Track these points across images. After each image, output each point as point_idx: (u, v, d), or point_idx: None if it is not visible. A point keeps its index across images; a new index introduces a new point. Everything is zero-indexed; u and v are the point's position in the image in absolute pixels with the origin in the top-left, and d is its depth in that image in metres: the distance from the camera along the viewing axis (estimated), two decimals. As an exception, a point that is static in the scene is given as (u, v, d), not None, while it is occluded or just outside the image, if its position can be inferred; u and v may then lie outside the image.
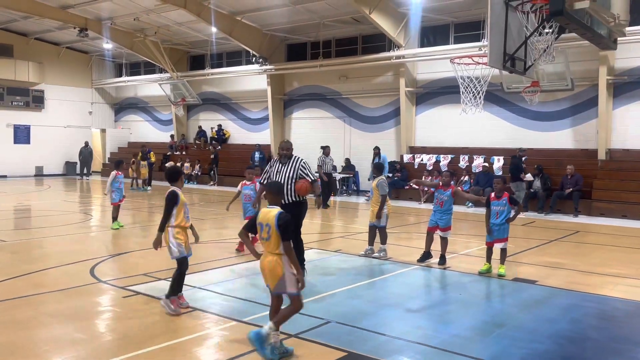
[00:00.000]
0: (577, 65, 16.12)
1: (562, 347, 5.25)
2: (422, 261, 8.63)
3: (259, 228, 4.86)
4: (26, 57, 27.21)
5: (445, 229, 8.50)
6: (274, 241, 4.71)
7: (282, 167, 7.51)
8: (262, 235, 4.82)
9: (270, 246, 4.74)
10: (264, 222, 4.79)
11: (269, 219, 4.76)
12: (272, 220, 4.73)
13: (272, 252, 4.75)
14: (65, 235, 10.94)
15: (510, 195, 8.06)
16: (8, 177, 26.53)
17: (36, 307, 6.10)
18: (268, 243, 4.76)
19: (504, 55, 7.88)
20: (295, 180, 7.39)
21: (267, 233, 4.75)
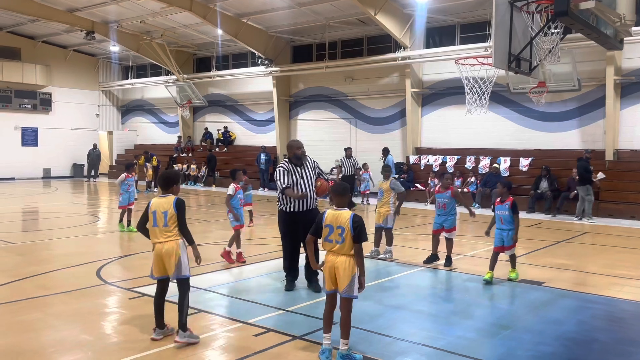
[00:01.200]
0: (584, 66, 16.04)
1: (569, 349, 5.22)
2: (428, 263, 8.64)
3: (327, 230, 4.81)
4: (34, 60, 27.40)
5: (450, 230, 8.51)
6: (349, 243, 4.70)
7: (303, 171, 6.92)
8: (332, 237, 4.77)
9: (345, 248, 4.72)
10: (335, 224, 4.76)
11: (342, 221, 4.73)
12: (346, 223, 4.71)
13: (346, 254, 4.72)
14: (72, 237, 11.00)
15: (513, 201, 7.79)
16: (16, 180, 26.70)
17: (43, 308, 6.14)
18: (341, 245, 4.72)
19: (509, 56, 7.85)
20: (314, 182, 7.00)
21: (340, 235, 4.72)
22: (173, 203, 5.14)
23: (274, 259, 8.50)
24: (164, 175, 5.43)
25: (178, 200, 5.17)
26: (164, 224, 5.12)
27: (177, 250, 5.10)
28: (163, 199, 5.21)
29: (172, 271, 5.13)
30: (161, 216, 5.12)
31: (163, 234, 5.13)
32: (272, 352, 4.94)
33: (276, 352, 4.95)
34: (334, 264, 4.75)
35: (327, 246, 4.84)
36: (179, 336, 5.06)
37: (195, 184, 24.86)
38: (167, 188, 5.31)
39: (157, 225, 5.16)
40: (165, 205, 5.14)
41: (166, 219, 5.11)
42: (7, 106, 26.81)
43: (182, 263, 5.12)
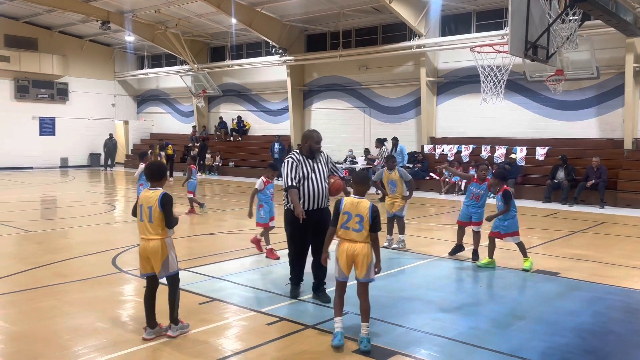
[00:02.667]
0: (602, 53, 15.74)
1: (585, 340, 5.16)
2: (453, 254, 8.45)
3: (345, 217, 4.86)
4: (50, 50, 27.63)
5: (478, 223, 8.31)
6: (367, 232, 4.81)
7: (315, 165, 6.07)
8: (349, 225, 4.84)
9: (363, 236, 4.82)
10: (354, 212, 4.82)
11: (361, 210, 4.80)
12: (365, 212, 4.79)
13: (364, 241, 4.83)
14: (88, 226, 11.13)
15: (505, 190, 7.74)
16: (34, 169, 27.07)
17: (59, 296, 6.22)
18: (359, 234, 4.81)
19: (526, 43, 7.71)
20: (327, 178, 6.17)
21: (359, 224, 4.80)
22: (158, 199, 4.81)
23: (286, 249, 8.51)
24: (151, 167, 5.09)
25: (164, 197, 4.82)
26: (149, 219, 4.83)
27: (163, 248, 4.86)
28: (150, 192, 4.90)
29: (158, 269, 4.90)
30: (147, 211, 4.83)
31: (148, 230, 4.86)
32: (285, 340, 4.96)
33: (289, 340, 4.97)
34: (354, 251, 4.83)
35: (344, 234, 4.88)
36: (172, 330, 4.94)
37: (210, 173, 24.98)
38: (155, 180, 4.99)
39: (142, 220, 4.88)
40: (151, 201, 4.83)
41: (151, 215, 4.82)
42: (25, 96, 27.13)
43: (169, 260, 4.90)
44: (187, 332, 5.04)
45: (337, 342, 4.80)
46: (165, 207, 4.81)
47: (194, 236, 10.25)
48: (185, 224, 12.01)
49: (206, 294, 6.31)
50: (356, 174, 5.21)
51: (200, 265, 7.62)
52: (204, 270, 7.42)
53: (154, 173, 5.01)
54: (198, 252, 8.62)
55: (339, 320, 4.91)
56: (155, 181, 4.99)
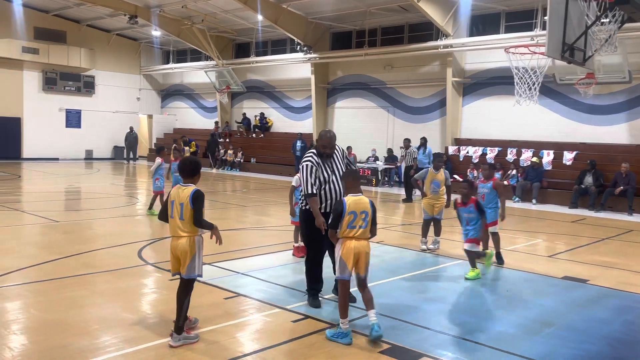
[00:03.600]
0: (635, 57, 15.38)
1: (615, 349, 5.04)
2: None
3: (351, 217, 4.89)
4: (78, 44, 28.03)
5: (492, 224, 8.13)
6: (370, 227, 4.98)
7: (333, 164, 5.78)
8: (355, 224, 4.89)
9: (367, 232, 4.97)
10: (358, 210, 4.91)
11: (364, 206, 4.93)
12: (368, 207, 4.95)
13: (367, 238, 4.99)
14: (113, 218, 11.25)
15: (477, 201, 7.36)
16: (60, 160, 27.50)
17: (87, 286, 6.29)
18: (365, 230, 4.93)
19: (563, 45, 7.55)
20: None
21: (364, 220, 4.92)
22: (190, 195, 4.62)
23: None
24: (186, 162, 4.92)
25: (196, 193, 4.63)
26: (180, 216, 4.66)
27: (192, 248, 4.68)
28: (182, 188, 4.71)
29: (184, 269, 4.71)
30: (178, 208, 4.66)
31: (179, 228, 4.69)
32: (310, 339, 4.94)
33: (313, 339, 4.94)
34: (360, 249, 4.91)
35: (350, 233, 4.91)
36: (173, 340, 4.60)
37: (232, 169, 25.11)
38: (188, 176, 4.78)
39: (173, 217, 4.71)
40: (183, 197, 4.65)
41: (182, 212, 4.65)
42: (53, 88, 27.57)
43: (194, 262, 4.70)
44: (193, 342, 4.67)
45: (349, 341, 4.83)
46: (196, 203, 4.64)
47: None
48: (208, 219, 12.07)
49: (231, 289, 6.32)
50: (348, 172, 5.29)
51: (224, 261, 7.63)
52: (228, 265, 7.44)
53: (187, 169, 4.81)
54: (221, 247, 8.61)
55: (347, 321, 4.92)
56: (189, 177, 4.79)
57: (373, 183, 19.87)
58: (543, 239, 10.74)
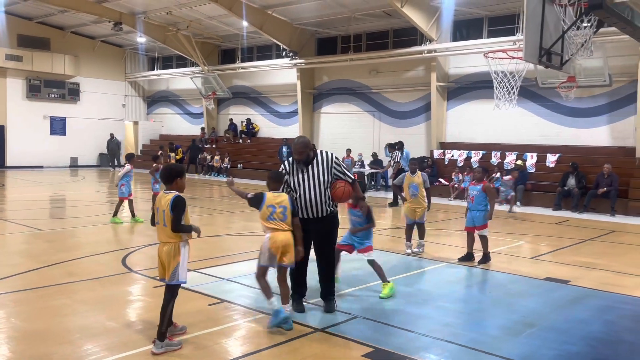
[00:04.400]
0: (615, 61, 15.63)
1: (595, 349, 5.12)
2: (462, 261, 8.40)
3: (270, 210, 5.30)
4: (62, 50, 27.85)
5: (481, 227, 8.29)
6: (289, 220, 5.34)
7: (311, 172, 5.68)
8: (276, 216, 5.30)
9: (289, 224, 5.34)
10: (277, 204, 5.32)
11: (282, 201, 5.34)
12: (288, 203, 5.34)
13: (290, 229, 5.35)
14: (98, 225, 11.19)
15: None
16: (44, 168, 27.26)
17: (70, 295, 6.25)
18: (286, 222, 5.31)
19: (540, 50, 7.68)
20: (330, 185, 5.71)
21: (283, 214, 5.31)
22: (170, 202, 4.68)
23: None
24: (166, 169, 5.00)
25: (175, 200, 4.69)
26: (164, 223, 4.74)
27: (175, 254, 4.72)
28: (164, 195, 4.80)
29: (168, 275, 4.75)
30: (161, 215, 4.75)
31: (163, 234, 4.78)
32: (294, 343, 4.96)
33: (297, 344, 4.96)
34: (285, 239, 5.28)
35: (271, 224, 5.30)
36: (156, 347, 4.59)
37: (218, 175, 25.07)
38: (168, 183, 4.85)
39: (158, 223, 4.82)
40: (164, 204, 4.73)
41: (164, 219, 4.73)
42: (37, 95, 27.35)
43: (178, 269, 4.72)
44: (176, 349, 4.66)
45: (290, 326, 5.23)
46: (175, 210, 4.68)
47: (203, 237, 10.25)
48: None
49: (216, 295, 6.32)
50: (272, 172, 5.64)
51: (209, 267, 7.63)
52: (213, 271, 7.43)
53: (166, 176, 4.89)
54: (207, 253, 8.64)
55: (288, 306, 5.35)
56: (169, 184, 4.87)
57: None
58: (527, 241, 10.86)
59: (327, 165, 5.71)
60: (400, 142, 17.48)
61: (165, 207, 4.72)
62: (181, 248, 4.77)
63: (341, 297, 6.28)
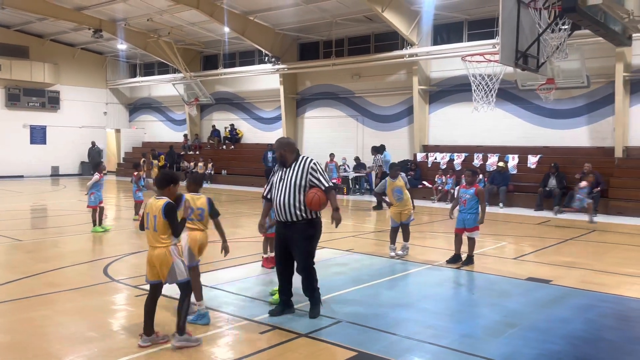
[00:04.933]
0: (593, 62, 15.90)
1: (576, 347, 5.18)
2: (450, 263, 8.47)
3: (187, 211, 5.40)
4: (42, 59, 27.55)
5: (471, 230, 8.39)
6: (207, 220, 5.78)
7: (287, 175, 5.71)
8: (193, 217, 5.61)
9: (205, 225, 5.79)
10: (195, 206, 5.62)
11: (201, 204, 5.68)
12: (205, 205, 5.70)
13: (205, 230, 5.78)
14: (79, 235, 11.06)
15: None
16: (24, 177, 26.88)
17: (50, 305, 6.17)
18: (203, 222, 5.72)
19: (516, 53, 7.79)
20: (305, 190, 5.65)
21: (201, 215, 5.72)
22: (162, 208, 4.82)
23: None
24: (161, 174, 5.22)
25: (167, 206, 4.84)
26: (154, 228, 4.87)
27: (167, 258, 4.86)
28: (156, 201, 4.94)
29: (165, 277, 4.94)
30: (152, 220, 4.88)
31: (154, 239, 4.91)
32: (278, 349, 4.95)
33: (282, 349, 4.95)
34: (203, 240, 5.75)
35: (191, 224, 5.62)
36: (175, 340, 4.87)
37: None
38: (161, 189, 5.03)
39: (148, 228, 4.94)
40: (155, 210, 4.87)
41: (155, 224, 4.86)
42: (16, 104, 27.01)
43: (175, 269, 4.90)
44: (195, 345, 4.90)
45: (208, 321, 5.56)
46: (169, 215, 4.84)
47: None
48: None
49: (199, 302, 6.26)
50: (191, 175, 6.12)
51: (192, 274, 7.56)
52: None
53: (160, 181, 5.10)
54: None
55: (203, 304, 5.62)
56: (161, 190, 5.05)
57: (344, 191, 19.96)
58: (510, 242, 10.96)
59: (303, 169, 5.66)
60: (382, 146, 17.56)
61: (157, 212, 4.86)
62: (172, 251, 4.94)
63: (325, 301, 6.27)
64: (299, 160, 5.74)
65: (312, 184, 5.66)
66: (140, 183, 12.49)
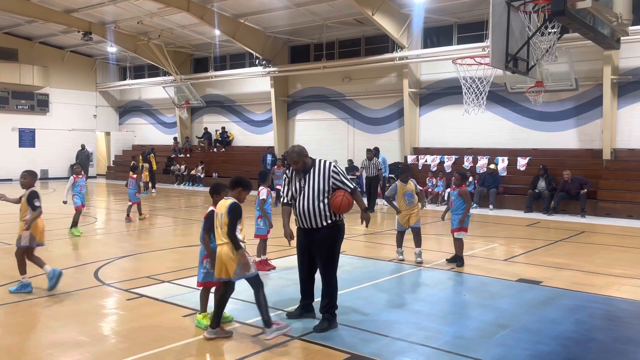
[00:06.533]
0: (581, 65, 16.06)
1: (567, 348, 5.22)
2: (451, 262, 8.62)
3: None
4: (31, 61, 27.35)
5: (457, 230, 8.49)
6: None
7: (309, 181, 5.57)
8: None
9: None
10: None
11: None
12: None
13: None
14: (69, 239, 10.98)
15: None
16: (13, 181, 26.63)
17: (40, 310, 6.13)
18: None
19: (506, 56, 7.86)
20: (329, 195, 5.54)
21: None
22: (227, 207, 5.16)
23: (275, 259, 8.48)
24: (233, 178, 5.50)
25: (232, 205, 5.17)
26: (220, 226, 5.18)
27: (233, 254, 5.11)
28: (225, 201, 5.28)
29: (232, 273, 5.13)
30: (219, 218, 5.20)
31: (221, 237, 5.18)
32: (271, 352, 4.94)
33: (275, 352, 4.94)
34: None
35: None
36: (267, 333, 5.11)
37: (193, 184, 24.84)
38: (231, 189, 5.36)
39: (217, 227, 5.24)
40: (222, 209, 5.20)
41: (221, 222, 5.17)
42: (5, 107, 26.78)
43: (241, 265, 5.12)
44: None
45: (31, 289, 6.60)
46: (230, 214, 5.11)
47: (178, 248, 10.17)
48: (169, 236, 11.92)
49: (191, 306, 6.25)
50: None
51: (183, 278, 7.55)
52: (189, 282, 7.35)
53: (232, 182, 5.39)
54: (181, 264, 8.55)
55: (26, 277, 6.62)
56: (230, 190, 5.36)
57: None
58: (500, 243, 11.03)
59: (325, 174, 5.55)
60: (376, 148, 17.58)
61: (224, 210, 5.17)
62: None
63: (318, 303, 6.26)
64: (317, 165, 5.62)
65: (336, 187, 5.56)
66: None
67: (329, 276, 5.66)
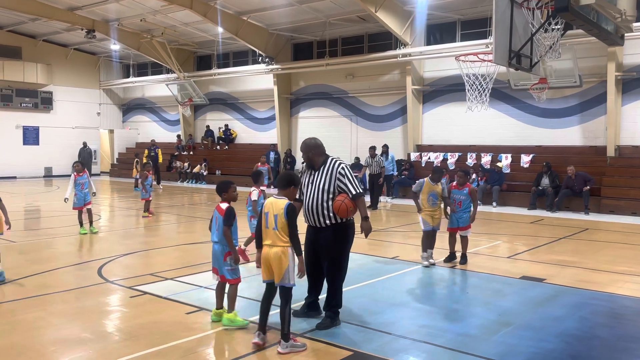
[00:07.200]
0: (585, 62, 16.00)
1: (570, 345, 5.21)
2: (447, 262, 8.53)
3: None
4: (34, 59, 27.40)
5: (464, 228, 8.47)
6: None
7: (315, 178, 5.52)
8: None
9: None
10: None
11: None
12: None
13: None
14: (73, 236, 11.01)
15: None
16: (17, 178, 26.74)
17: (44, 307, 6.15)
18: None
19: (510, 53, 7.83)
20: (333, 195, 5.45)
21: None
22: (285, 208, 4.89)
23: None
24: (285, 174, 5.23)
25: (289, 207, 4.91)
26: (274, 227, 4.92)
27: (285, 257, 4.89)
28: (277, 200, 4.99)
29: (278, 277, 4.92)
30: (272, 219, 4.92)
31: (272, 238, 4.94)
32: (273, 349, 4.94)
33: (274, 351, 4.94)
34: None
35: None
36: (281, 346, 4.87)
37: (196, 182, 24.87)
38: (283, 188, 5.08)
39: (268, 227, 4.97)
40: (276, 209, 4.92)
41: (276, 222, 4.91)
42: (9, 105, 26.84)
43: (288, 271, 4.90)
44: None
45: None
46: (289, 216, 4.88)
47: (180, 245, 10.19)
48: (172, 233, 11.95)
49: (194, 303, 6.27)
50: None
51: (187, 275, 7.57)
52: (191, 279, 7.38)
53: (282, 181, 5.14)
54: (185, 261, 8.58)
55: None
56: (282, 189, 5.10)
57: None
58: (503, 241, 11.01)
59: (332, 174, 5.45)
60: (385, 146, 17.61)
61: (279, 212, 4.91)
62: (289, 252, 4.93)
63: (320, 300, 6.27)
64: (327, 163, 5.50)
65: (340, 189, 5.43)
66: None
67: (333, 276, 5.62)
